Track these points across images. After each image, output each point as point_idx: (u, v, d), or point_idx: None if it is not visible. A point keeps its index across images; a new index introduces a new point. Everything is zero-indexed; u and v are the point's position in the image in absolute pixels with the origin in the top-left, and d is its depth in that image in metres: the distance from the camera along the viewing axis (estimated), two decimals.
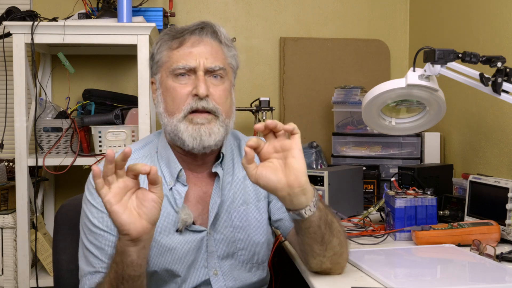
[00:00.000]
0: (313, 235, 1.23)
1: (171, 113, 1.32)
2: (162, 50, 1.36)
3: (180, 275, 1.35)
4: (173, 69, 1.32)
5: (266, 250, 1.45)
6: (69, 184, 2.71)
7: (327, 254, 1.28)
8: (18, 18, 2.33)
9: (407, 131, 1.90)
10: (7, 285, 2.37)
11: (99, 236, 1.31)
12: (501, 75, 1.56)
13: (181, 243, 1.35)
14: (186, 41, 1.34)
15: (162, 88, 1.35)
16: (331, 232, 1.25)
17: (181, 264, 1.35)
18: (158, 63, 1.37)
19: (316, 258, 1.30)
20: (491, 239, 1.58)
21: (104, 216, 1.31)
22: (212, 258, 1.37)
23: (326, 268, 1.32)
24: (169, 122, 1.33)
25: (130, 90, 2.76)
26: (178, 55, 1.33)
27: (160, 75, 1.36)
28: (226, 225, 1.39)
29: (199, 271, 1.36)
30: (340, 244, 1.29)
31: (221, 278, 1.38)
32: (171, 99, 1.32)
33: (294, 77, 2.81)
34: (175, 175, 1.37)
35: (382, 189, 2.09)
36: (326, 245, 1.25)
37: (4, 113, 2.65)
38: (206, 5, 2.84)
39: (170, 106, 1.32)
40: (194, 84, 1.31)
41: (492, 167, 2.08)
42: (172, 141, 1.36)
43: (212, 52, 1.34)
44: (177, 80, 1.33)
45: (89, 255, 1.32)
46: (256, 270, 1.44)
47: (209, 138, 1.30)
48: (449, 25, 2.44)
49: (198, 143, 1.30)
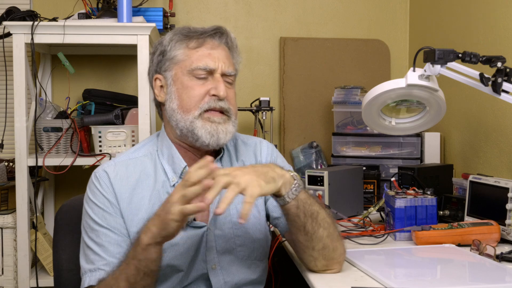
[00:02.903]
0: (293, 223, 1.31)
1: (187, 110, 1.36)
2: (179, 48, 1.39)
3: (182, 270, 1.37)
4: (193, 68, 1.37)
5: (264, 247, 1.47)
6: (69, 184, 2.71)
7: (316, 246, 1.32)
8: (18, 18, 2.33)
9: (407, 131, 1.90)
10: (7, 285, 2.37)
11: (100, 234, 1.33)
12: (501, 75, 1.56)
13: (183, 239, 1.36)
14: (206, 43, 1.40)
15: (177, 85, 1.39)
16: (316, 222, 1.30)
17: (184, 259, 1.36)
18: (173, 60, 1.40)
19: (305, 251, 1.34)
20: (491, 239, 1.58)
21: (105, 215, 1.35)
22: (210, 253, 1.39)
23: (321, 265, 1.35)
24: (183, 118, 1.37)
25: (130, 90, 2.76)
26: (198, 55, 1.38)
27: (174, 72, 1.39)
28: (225, 222, 1.41)
29: (198, 265, 1.39)
30: (330, 237, 1.32)
31: (219, 272, 1.40)
32: (188, 96, 1.37)
33: (294, 77, 2.81)
34: (178, 172, 1.40)
35: (382, 189, 2.08)
36: (310, 235, 1.31)
37: (4, 113, 2.65)
38: (206, 5, 2.84)
39: (187, 103, 1.37)
40: (212, 84, 1.37)
41: (492, 167, 2.08)
42: (182, 137, 1.40)
43: (227, 57, 1.42)
44: (195, 79, 1.38)
45: (90, 253, 1.34)
46: (256, 267, 1.45)
47: (225, 136, 1.38)
48: (449, 25, 2.44)
49: (215, 140, 1.36)
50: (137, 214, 1.36)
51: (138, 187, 1.38)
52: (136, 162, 1.42)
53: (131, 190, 1.37)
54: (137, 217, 1.35)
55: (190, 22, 2.81)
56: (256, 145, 1.52)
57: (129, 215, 1.36)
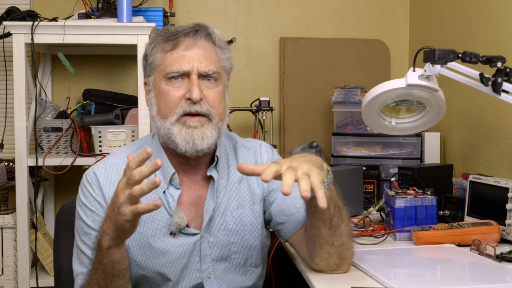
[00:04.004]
0: (321, 216, 1.26)
1: (164, 116, 1.32)
2: (156, 52, 1.35)
3: (171, 279, 1.35)
4: (167, 73, 1.32)
5: (260, 254, 1.45)
6: (69, 184, 2.70)
7: (335, 242, 1.29)
8: (18, 18, 2.33)
9: (407, 131, 1.90)
10: (7, 285, 2.37)
11: (93, 237, 1.31)
12: (501, 75, 1.56)
13: (174, 246, 1.34)
14: (180, 43, 1.33)
15: (156, 91, 1.35)
16: (340, 217, 1.27)
17: (174, 267, 1.34)
18: (152, 65, 1.36)
19: (323, 247, 1.30)
20: (491, 239, 1.58)
21: (97, 218, 1.32)
22: (205, 262, 1.37)
23: (333, 263, 1.33)
24: (162, 125, 1.33)
25: (130, 90, 2.75)
26: (172, 58, 1.32)
27: (153, 78, 1.36)
28: (220, 229, 1.38)
29: (192, 275, 1.36)
30: (348, 234, 1.30)
31: (215, 281, 1.37)
32: (164, 102, 1.32)
33: (294, 77, 2.81)
34: (167, 178, 1.36)
35: (382, 189, 2.08)
36: (334, 230, 1.27)
37: (4, 113, 2.65)
38: (206, 5, 2.84)
39: (163, 109, 1.32)
40: (187, 87, 1.31)
41: (492, 167, 2.08)
42: (165, 144, 1.37)
43: (205, 55, 1.33)
44: (170, 84, 1.32)
45: (83, 256, 1.33)
46: (251, 274, 1.43)
47: (202, 142, 1.31)
48: (449, 25, 2.44)
49: (191, 147, 1.30)
50: None
51: None
52: None
53: None
54: None
55: (190, 22, 2.79)
56: (256, 149, 1.49)
57: None
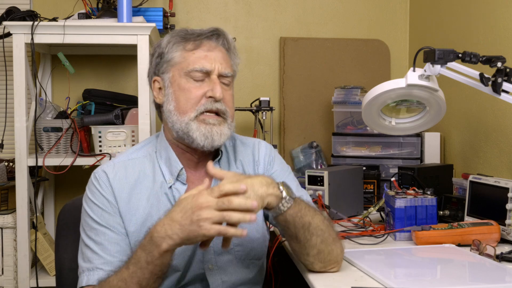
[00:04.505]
0: (284, 232, 1.35)
1: (183, 112, 1.37)
2: (176, 50, 1.40)
3: (180, 270, 1.38)
4: (189, 70, 1.38)
5: (262, 246, 1.48)
6: (69, 184, 2.71)
7: (310, 252, 1.34)
8: (18, 18, 2.33)
9: (407, 131, 1.90)
10: (7, 285, 2.37)
11: (99, 232, 1.34)
12: (501, 75, 1.56)
13: None
14: (202, 44, 1.40)
15: (174, 87, 1.39)
16: (308, 232, 1.31)
17: (181, 259, 1.37)
18: (170, 62, 1.40)
19: (301, 256, 1.38)
20: (491, 239, 1.58)
21: (104, 214, 1.36)
22: (208, 253, 1.39)
23: (319, 267, 1.37)
24: (179, 120, 1.37)
25: (130, 90, 2.75)
26: (194, 57, 1.38)
27: (171, 74, 1.40)
28: None
29: (195, 265, 1.39)
30: (324, 243, 1.33)
31: (217, 272, 1.40)
32: (185, 98, 1.37)
33: (294, 77, 2.81)
34: (175, 174, 1.41)
35: (382, 189, 2.09)
36: (303, 243, 1.33)
37: (4, 113, 2.65)
38: (206, 5, 2.84)
39: (183, 105, 1.37)
40: (209, 86, 1.38)
41: (492, 167, 2.08)
42: (178, 138, 1.40)
43: (224, 58, 1.41)
44: (192, 81, 1.38)
45: (88, 252, 1.35)
46: (253, 267, 1.46)
47: (219, 138, 1.38)
48: (449, 25, 2.45)
49: (209, 142, 1.37)
50: (135, 214, 1.37)
51: (136, 187, 1.39)
52: (135, 163, 1.43)
53: (129, 191, 1.38)
54: (135, 217, 1.37)
55: (190, 22, 2.81)
56: (254, 145, 1.53)
57: (127, 215, 1.37)
